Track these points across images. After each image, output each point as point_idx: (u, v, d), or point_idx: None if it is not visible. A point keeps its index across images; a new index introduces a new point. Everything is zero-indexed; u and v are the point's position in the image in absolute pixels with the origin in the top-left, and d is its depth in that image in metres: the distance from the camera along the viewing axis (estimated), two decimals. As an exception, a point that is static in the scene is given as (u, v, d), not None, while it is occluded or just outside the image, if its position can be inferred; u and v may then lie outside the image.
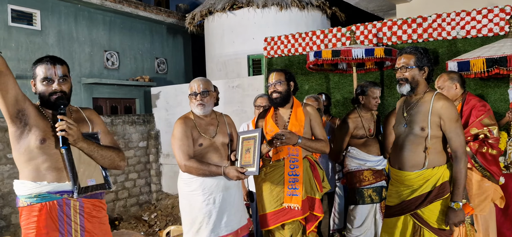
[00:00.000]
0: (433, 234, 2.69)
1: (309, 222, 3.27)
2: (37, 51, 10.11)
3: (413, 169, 2.72)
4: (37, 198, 2.21)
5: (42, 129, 2.24)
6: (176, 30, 13.88)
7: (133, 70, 12.55)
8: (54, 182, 2.24)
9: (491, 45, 4.46)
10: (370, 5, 9.77)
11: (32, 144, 2.21)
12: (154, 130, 9.91)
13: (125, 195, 9.38)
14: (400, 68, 2.75)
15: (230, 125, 3.22)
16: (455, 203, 2.60)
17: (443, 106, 2.63)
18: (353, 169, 3.80)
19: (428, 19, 5.94)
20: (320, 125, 3.33)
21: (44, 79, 2.25)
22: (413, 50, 2.75)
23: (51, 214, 2.22)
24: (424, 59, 2.72)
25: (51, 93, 2.26)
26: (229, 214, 3.06)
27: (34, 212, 2.20)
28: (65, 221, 2.25)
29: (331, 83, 6.70)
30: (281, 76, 3.26)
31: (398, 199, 2.82)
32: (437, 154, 2.70)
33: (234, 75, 10.43)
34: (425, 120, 2.66)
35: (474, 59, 4.16)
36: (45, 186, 2.21)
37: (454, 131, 2.62)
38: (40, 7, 10.20)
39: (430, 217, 2.69)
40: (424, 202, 2.69)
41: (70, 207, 2.27)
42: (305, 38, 7.03)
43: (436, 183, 2.68)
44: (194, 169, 2.92)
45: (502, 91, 5.34)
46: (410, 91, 2.74)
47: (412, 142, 2.72)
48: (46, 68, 2.25)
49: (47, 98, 2.27)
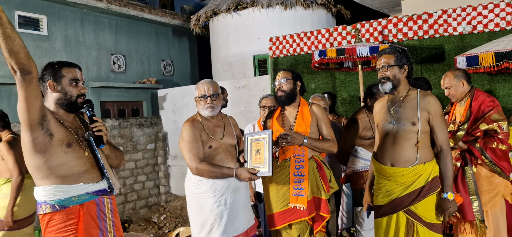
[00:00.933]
0: (427, 229, 2.77)
1: (316, 222, 3.27)
2: (45, 56, 10.18)
3: (407, 165, 2.80)
4: (77, 200, 2.27)
5: (64, 135, 2.28)
6: (181, 32, 13.92)
7: (139, 72, 12.61)
8: (90, 183, 2.32)
9: (500, 40, 4.43)
10: (375, 2, 9.73)
11: (58, 151, 2.23)
12: (161, 132, 9.95)
13: (134, 197, 9.43)
14: (381, 68, 2.88)
15: (235, 126, 3.24)
16: (449, 194, 2.73)
17: (430, 101, 2.78)
18: (360, 170, 3.75)
19: (433, 15, 5.91)
20: (327, 124, 3.32)
21: (73, 80, 2.33)
22: (392, 50, 2.89)
23: (91, 213, 2.31)
24: (403, 58, 2.86)
25: (79, 95, 2.35)
26: (239, 215, 3.07)
27: (72, 214, 2.26)
28: (102, 218, 2.37)
29: (337, 82, 6.68)
30: (288, 75, 3.27)
31: (388, 198, 2.87)
32: (426, 149, 2.81)
33: (240, 75, 10.44)
34: (415, 115, 2.78)
35: (483, 54, 4.14)
36: (83, 188, 2.29)
37: (440, 125, 2.77)
38: (46, 13, 10.29)
39: (423, 212, 2.78)
40: (417, 198, 2.77)
41: (104, 204, 2.40)
42: (310, 37, 7.02)
43: (428, 178, 2.77)
44: (206, 171, 2.93)
45: (511, 86, 5.30)
46: (392, 89, 2.86)
47: (403, 137, 2.80)
48: (76, 71, 2.36)
49: (74, 100, 2.34)
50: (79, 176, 2.29)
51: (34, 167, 2.22)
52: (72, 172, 2.27)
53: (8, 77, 9.44)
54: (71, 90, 2.33)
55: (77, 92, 2.34)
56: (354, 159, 3.81)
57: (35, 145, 2.18)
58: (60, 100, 2.33)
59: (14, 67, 1.94)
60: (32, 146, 2.18)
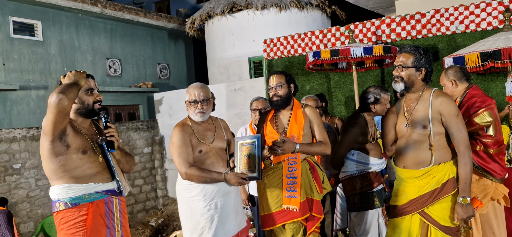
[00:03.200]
0: (441, 232, 2.68)
1: (310, 222, 3.28)
2: (40, 62, 10.18)
3: (419, 167, 2.72)
4: (87, 198, 2.46)
5: (80, 143, 2.49)
6: (177, 35, 13.93)
7: (135, 76, 12.61)
8: (100, 183, 2.52)
9: (486, 40, 4.45)
10: (369, 2, 9.77)
11: (74, 157, 2.45)
12: (158, 136, 9.95)
13: (132, 201, 9.43)
14: (397, 66, 2.77)
15: (226, 129, 3.24)
16: (463, 198, 2.59)
17: (442, 102, 2.64)
18: (355, 174, 3.66)
19: (426, 15, 5.93)
20: (320, 126, 3.32)
21: (89, 90, 2.54)
22: (413, 49, 2.74)
23: (100, 211, 2.49)
24: (422, 59, 2.71)
25: (94, 101, 2.56)
26: (230, 218, 3.07)
27: (83, 211, 2.44)
28: (111, 217, 2.55)
29: (332, 83, 6.70)
30: (282, 79, 3.27)
31: (405, 198, 2.81)
32: (443, 150, 2.70)
33: (236, 78, 10.46)
34: (426, 118, 2.67)
35: (469, 54, 4.16)
36: (93, 187, 2.49)
37: (455, 126, 2.62)
38: (41, 18, 10.29)
39: (438, 215, 2.69)
40: (431, 200, 2.69)
41: (113, 204, 2.58)
42: (304, 39, 7.04)
43: (442, 180, 2.67)
44: (195, 177, 2.92)
45: (503, 84, 5.32)
46: (404, 90, 2.76)
47: (416, 140, 2.73)
48: (90, 81, 2.56)
49: (92, 107, 2.55)
50: (91, 177, 2.49)
51: (50, 170, 2.43)
52: (85, 174, 2.47)
53: (3, 83, 9.44)
54: (87, 98, 2.54)
55: (93, 99, 2.55)
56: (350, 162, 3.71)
57: (53, 152, 2.39)
58: (79, 109, 2.55)
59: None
60: (50, 153, 2.39)
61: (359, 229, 3.67)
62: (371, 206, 3.59)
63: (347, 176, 3.71)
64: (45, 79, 10.36)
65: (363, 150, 3.66)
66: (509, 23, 4.43)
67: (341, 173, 3.76)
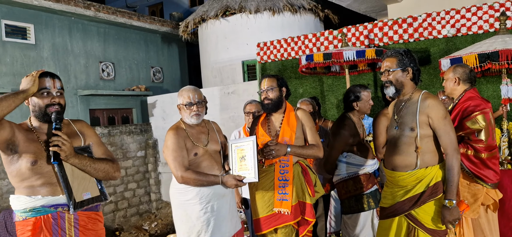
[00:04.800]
0: (428, 235, 2.70)
1: (302, 226, 3.28)
2: (32, 65, 10.13)
3: (406, 170, 2.74)
4: (32, 212, 2.23)
5: (32, 152, 2.25)
6: (170, 39, 13.93)
7: (129, 80, 12.58)
8: (48, 196, 2.26)
9: (483, 42, 4.51)
10: (362, 6, 9.83)
11: (23, 167, 2.23)
12: (151, 139, 9.93)
13: (125, 205, 9.39)
14: (384, 72, 2.82)
15: (219, 132, 3.24)
16: (449, 201, 2.60)
17: (429, 104, 2.66)
18: (349, 176, 3.66)
19: (418, 18, 5.99)
20: (312, 129, 3.33)
21: (42, 89, 2.26)
22: (394, 52, 2.81)
23: (46, 227, 2.23)
24: (405, 59, 2.76)
25: (48, 104, 2.28)
26: (226, 221, 3.07)
27: (28, 226, 2.22)
28: (60, 234, 2.26)
29: (325, 86, 6.73)
30: (273, 82, 3.27)
31: (392, 200, 2.84)
32: (430, 154, 2.72)
33: (229, 81, 10.47)
34: (414, 120, 2.69)
35: (467, 55, 4.20)
36: (39, 200, 2.24)
37: (442, 128, 2.64)
38: (33, 21, 10.24)
39: (424, 218, 2.71)
40: (417, 203, 2.71)
41: (64, 220, 2.29)
42: (297, 42, 7.07)
43: (429, 183, 2.69)
44: (192, 180, 2.91)
45: (494, 87, 5.38)
46: (395, 93, 2.79)
47: (404, 143, 2.75)
48: (45, 80, 2.27)
49: (44, 110, 2.28)
50: (39, 189, 2.26)
51: (8, 177, 2.29)
52: (33, 186, 2.25)
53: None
54: (39, 101, 2.28)
55: (46, 102, 2.28)
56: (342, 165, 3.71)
57: (6, 161, 2.25)
58: (34, 111, 2.32)
59: None
60: (5, 163, 2.25)
61: (353, 231, 3.66)
62: (363, 208, 3.59)
63: (340, 179, 3.70)
64: (37, 82, 10.25)
65: (354, 152, 3.67)
66: (504, 27, 4.53)
67: (335, 177, 3.75)
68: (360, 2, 9.52)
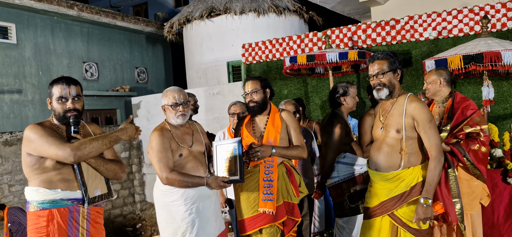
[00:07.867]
0: (410, 234, 2.74)
1: (287, 226, 3.31)
2: (14, 65, 9.97)
3: (390, 170, 2.78)
4: (51, 204, 2.44)
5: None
6: (155, 39, 13.84)
7: (113, 80, 12.46)
8: (66, 191, 2.49)
9: (466, 44, 4.60)
10: (346, 8, 9.93)
11: (48, 162, 2.44)
12: (136, 140, 9.85)
13: (109, 206, 9.30)
14: (375, 75, 2.80)
15: (203, 133, 3.25)
16: (425, 199, 2.63)
17: (415, 107, 2.69)
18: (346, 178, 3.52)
19: (401, 21, 6.08)
20: (297, 130, 3.36)
21: (59, 98, 2.48)
22: (384, 55, 2.81)
23: (62, 219, 2.46)
24: (395, 62, 2.79)
25: (66, 111, 2.49)
26: (210, 221, 3.08)
27: (44, 217, 2.43)
28: (74, 226, 2.51)
29: (309, 87, 6.78)
30: (257, 85, 3.29)
31: (376, 200, 2.88)
32: (414, 155, 2.77)
33: (214, 82, 10.45)
34: (400, 123, 2.73)
35: (452, 57, 4.26)
36: (58, 193, 2.46)
37: (427, 131, 2.68)
38: (15, 21, 10.08)
39: (406, 217, 2.75)
40: (399, 202, 2.76)
41: (79, 213, 2.54)
42: (282, 44, 7.11)
43: (411, 183, 2.74)
44: (177, 181, 2.90)
45: (475, 89, 5.49)
46: (388, 95, 2.80)
47: (389, 144, 2.79)
48: (62, 88, 2.48)
49: (63, 116, 2.49)
50: (58, 183, 2.46)
51: (26, 171, 2.48)
52: (52, 180, 2.45)
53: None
54: (58, 107, 2.49)
55: (64, 108, 2.48)
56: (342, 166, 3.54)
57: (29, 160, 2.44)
58: (55, 116, 2.53)
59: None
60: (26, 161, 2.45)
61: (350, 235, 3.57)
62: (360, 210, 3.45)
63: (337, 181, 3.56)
64: (19, 83, 10.14)
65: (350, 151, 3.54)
66: (486, 29, 4.62)
67: (330, 179, 3.59)
68: (344, 4, 9.62)
